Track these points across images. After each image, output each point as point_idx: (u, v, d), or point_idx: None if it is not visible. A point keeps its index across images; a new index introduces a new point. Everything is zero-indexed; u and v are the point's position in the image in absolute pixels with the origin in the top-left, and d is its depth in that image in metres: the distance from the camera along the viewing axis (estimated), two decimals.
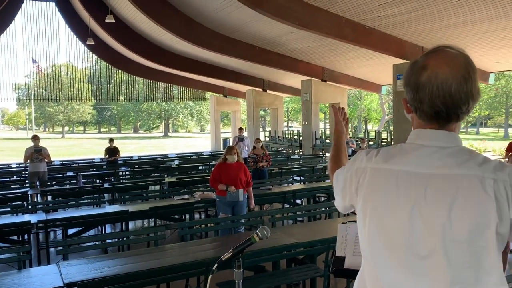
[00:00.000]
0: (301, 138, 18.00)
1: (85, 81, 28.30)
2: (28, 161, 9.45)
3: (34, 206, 6.95)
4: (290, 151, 18.39)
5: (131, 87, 25.71)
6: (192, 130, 67.72)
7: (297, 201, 8.05)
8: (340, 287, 4.74)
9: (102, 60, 22.60)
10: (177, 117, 58.49)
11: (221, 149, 21.85)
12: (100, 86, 27.81)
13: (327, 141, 16.71)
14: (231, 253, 1.74)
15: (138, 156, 17.68)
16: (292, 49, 13.02)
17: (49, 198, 8.48)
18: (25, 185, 9.43)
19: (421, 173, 1.17)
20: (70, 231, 6.02)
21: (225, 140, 24.20)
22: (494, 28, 8.80)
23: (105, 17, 13.47)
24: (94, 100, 32.53)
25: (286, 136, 21.61)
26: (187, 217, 6.99)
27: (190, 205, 6.60)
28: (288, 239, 4.34)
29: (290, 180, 9.90)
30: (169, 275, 3.53)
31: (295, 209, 7.20)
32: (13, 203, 7.16)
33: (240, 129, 13.24)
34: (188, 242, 4.66)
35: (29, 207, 6.91)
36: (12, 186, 9.78)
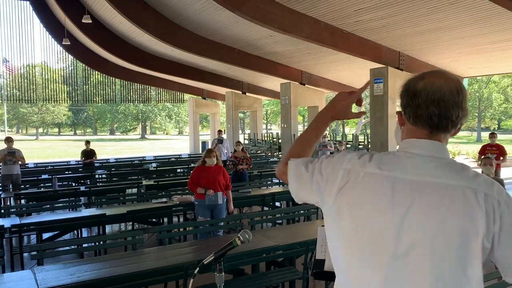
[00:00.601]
0: (280, 141, 18.07)
1: (61, 82, 27.72)
2: (1, 164, 9.21)
3: (7, 210, 6.79)
4: (269, 154, 18.44)
5: (108, 88, 25.36)
6: (170, 132, 67.14)
7: (276, 203, 8.08)
8: None
9: (78, 60, 22.20)
10: (155, 119, 57.91)
11: (200, 152, 21.74)
12: (76, 87, 27.32)
13: None
14: (213, 257, 1.74)
15: (115, 159, 17.43)
16: (271, 52, 13.08)
17: (22, 201, 8.29)
18: None
19: (416, 180, 1.21)
20: (45, 236, 5.89)
21: (204, 143, 24.10)
22: (467, 34, 9.03)
23: (81, 17, 13.25)
24: (69, 101, 31.93)
25: (265, 138, 21.67)
26: (165, 221, 6.92)
27: (168, 208, 6.55)
28: (267, 242, 4.35)
29: (269, 183, 9.93)
30: (147, 279, 3.50)
31: (274, 212, 7.23)
32: None
33: (220, 132, 13.23)
34: (167, 246, 4.62)
35: (2, 211, 6.73)
36: None
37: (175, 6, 10.87)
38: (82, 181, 11.17)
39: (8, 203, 8.47)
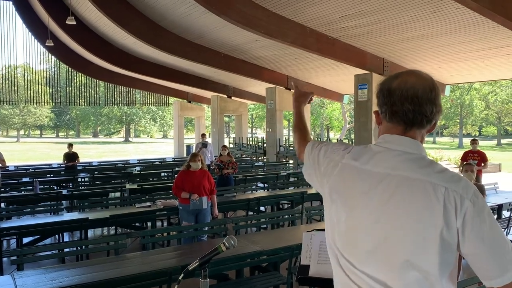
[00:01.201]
0: (265, 145, 18.10)
1: (43, 83, 27.27)
2: None
3: None
4: (254, 158, 18.45)
5: (91, 90, 25.06)
6: (155, 136, 66.65)
7: (261, 208, 8.07)
8: None
9: (61, 62, 21.91)
10: (139, 122, 57.44)
11: (185, 155, 21.63)
12: (59, 88, 26.94)
13: (290, 148, 16.89)
14: (198, 262, 1.73)
15: (98, 162, 17.21)
16: (257, 56, 13.12)
17: (2, 205, 8.11)
18: None
19: (381, 173, 1.28)
20: (26, 240, 5.77)
21: (189, 146, 23.98)
22: (449, 42, 9.20)
23: (65, 18, 13.06)
24: (52, 103, 31.42)
25: (251, 143, 21.67)
26: (149, 225, 6.86)
27: (152, 212, 6.49)
28: (252, 247, 4.35)
29: (254, 187, 9.92)
30: (130, 285, 3.45)
31: (259, 216, 7.23)
32: None
33: (203, 135, 13.17)
34: (150, 250, 4.58)
35: None
36: None
37: (161, 9, 10.83)
38: (64, 184, 11.00)
39: None
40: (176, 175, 6.31)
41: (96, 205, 7.40)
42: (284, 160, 16.52)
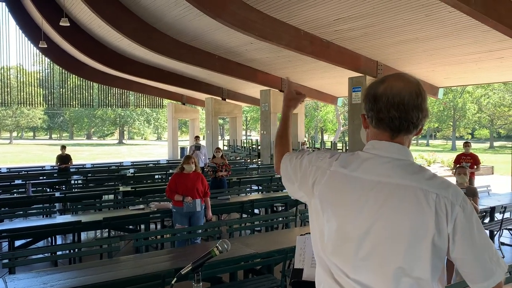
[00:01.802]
0: (259, 147, 18.10)
1: (36, 84, 27.10)
2: None
3: None
4: (249, 160, 18.43)
5: (85, 92, 24.93)
6: (149, 138, 66.43)
7: (255, 211, 8.06)
8: None
9: (55, 64, 21.79)
10: (133, 124, 57.23)
11: (179, 158, 21.57)
12: (53, 90, 26.77)
13: None
14: (191, 266, 1.72)
15: (91, 164, 17.11)
16: (252, 59, 13.13)
17: None
18: None
19: (371, 180, 1.27)
20: (18, 243, 5.73)
21: (183, 149, 23.93)
22: (442, 45, 9.26)
23: (59, 19, 13.00)
24: (45, 105, 31.24)
25: (245, 145, 21.66)
26: (143, 228, 6.83)
27: (145, 215, 6.47)
28: (245, 249, 4.34)
29: (248, 189, 9.91)
30: None
31: (253, 219, 7.21)
32: None
33: (197, 138, 13.15)
34: (144, 253, 4.56)
35: None
36: None
37: (155, 11, 10.81)
38: (57, 186, 10.93)
39: None
40: (170, 178, 6.29)
41: (89, 207, 7.37)
42: None
